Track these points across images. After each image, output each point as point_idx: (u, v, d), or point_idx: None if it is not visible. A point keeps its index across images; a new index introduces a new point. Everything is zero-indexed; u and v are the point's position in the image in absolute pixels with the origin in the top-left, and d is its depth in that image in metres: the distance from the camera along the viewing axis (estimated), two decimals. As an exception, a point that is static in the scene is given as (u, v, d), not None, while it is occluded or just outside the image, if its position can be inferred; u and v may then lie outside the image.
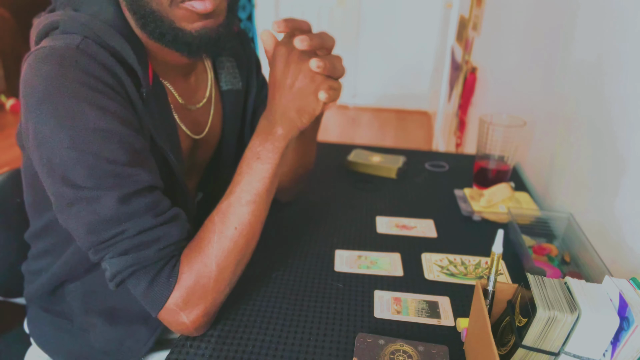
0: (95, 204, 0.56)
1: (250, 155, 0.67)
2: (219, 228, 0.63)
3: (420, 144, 3.67)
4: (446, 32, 3.28)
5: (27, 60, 0.59)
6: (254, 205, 0.65)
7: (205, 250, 0.62)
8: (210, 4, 0.61)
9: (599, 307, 0.48)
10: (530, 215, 0.91)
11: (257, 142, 0.67)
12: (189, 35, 0.63)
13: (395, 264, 0.80)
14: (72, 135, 0.55)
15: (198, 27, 0.63)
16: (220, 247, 0.62)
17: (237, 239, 0.64)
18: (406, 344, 0.60)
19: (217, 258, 0.62)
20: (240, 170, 0.67)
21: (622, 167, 0.74)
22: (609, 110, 0.81)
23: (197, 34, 0.63)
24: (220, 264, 0.62)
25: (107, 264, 0.59)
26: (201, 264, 0.61)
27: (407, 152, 1.24)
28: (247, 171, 0.66)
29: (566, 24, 1.06)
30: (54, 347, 0.80)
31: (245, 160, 0.67)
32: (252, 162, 0.66)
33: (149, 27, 0.63)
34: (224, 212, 0.64)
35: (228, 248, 0.63)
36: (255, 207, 0.65)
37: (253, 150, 0.67)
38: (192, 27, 0.62)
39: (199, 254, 0.62)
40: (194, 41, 0.63)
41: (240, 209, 0.65)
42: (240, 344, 0.63)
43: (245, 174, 0.66)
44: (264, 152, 0.67)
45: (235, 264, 0.64)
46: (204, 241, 0.63)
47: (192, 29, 0.63)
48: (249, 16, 2.91)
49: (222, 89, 0.84)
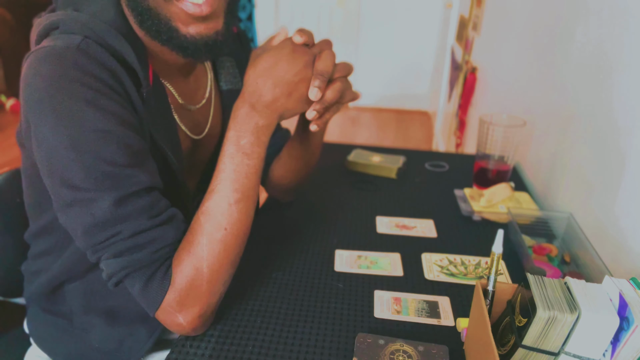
0: (92, 206, 0.56)
1: (233, 149, 0.64)
2: (207, 230, 0.61)
3: (420, 144, 3.67)
4: (446, 32, 3.28)
5: (27, 60, 0.59)
6: (242, 203, 0.63)
7: (196, 253, 0.60)
8: (206, 8, 0.60)
9: (599, 307, 0.48)
10: (530, 215, 0.91)
11: (239, 133, 0.64)
12: (184, 39, 0.62)
13: (395, 264, 0.80)
14: (71, 135, 0.55)
15: (193, 32, 0.62)
16: (211, 250, 0.61)
17: (228, 239, 0.62)
18: (406, 344, 0.60)
19: (208, 260, 0.60)
20: (222, 165, 0.64)
21: (622, 167, 0.74)
22: (609, 110, 0.81)
23: (192, 39, 0.62)
24: (212, 266, 0.61)
25: (103, 265, 0.59)
26: (192, 266, 0.60)
27: (407, 152, 1.24)
28: (232, 167, 0.63)
29: (566, 24, 1.06)
30: (54, 347, 0.80)
31: (227, 154, 0.64)
32: (237, 157, 0.63)
33: (145, 24, 0.62)
34: (211, 213, 0.62)
35: (219, 250, 0.61)
36: (243, 205, 0.63)
37: (236, 143, 0.64)
38: (187, 30, 0.62)
39: (189, 256, 0.60)
40: (189, 46, 0.63)
41: (229, 208, 0.62)
42: (240, 344, 0.63)
43: (230, 170, 0.63)
44: (249, 146, 0.64)
45: (227, 264, 0.63)
46: (193, 244, 0.61)
47: (186, 33, 0.62)
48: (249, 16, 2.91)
49: (222, 89, 0.84)
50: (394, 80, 4.41)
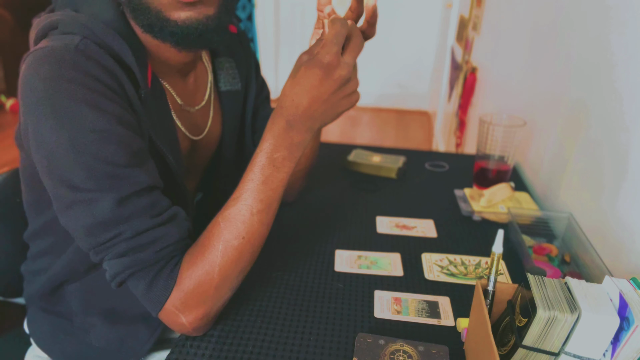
0: (93, 207, 0.56)
1: (265, 160, 0.63)
2: (225, 236, 0.61)
3: (420, 144, 3.67)
4: (446, 32, 3.29)
5: (25, 61, 0.59)
6: (264, 214, 0.62)
7: (209, 258, 0.60)
8: None
9: (599, 307, 0.48)
10: (530, 215, 0.91)
11: (272, 146, 0.63)
12: (174, 25, 0.61)
13: (395, 264, 0.80)
14: (70, 136, 0.55)
15: (183, 17, 0.61)
16: (225, 256, 0.60)
17: (244, 248, 0.61)
18: (406, 344, 0.60)
19: (220, 267, 0.60)
20: (252, 174, 0.63)
21: (622, 167, 0.74)
22: (609, 110, 0.81)
23: (182, 24, 0.61)
24: (224, 272, 0.61)
25: (106, 266, 0.59)
26: (203, 271, 0.60)
27: (407, 152, 1.24)
28: (261, 178, 0.62)
29: (566, 24, 1.06)
30: (54, 347, 0.80)
31: (258, 165, 0.63)
32: (267, 169, 0.62)
33: (139, 18, 0.62)
34: (232, 220, 0.61)
35: (233, 257, 0.61)
36: (264, 216, 0.63)
37: (269, 155, 0.63)
38: (177, 16, 0.61)
39: (202, 260, 0.60)
40: (179, 31, 0.62)
41: (251, 218, 0.61)
42: (240, 344, 0.63)
43: (259, 180, 0.62)
44: (281, 159, 0.63)
45: (239, 272, 0.62)
46: (209, 248, 0.60)
47: (177, 18, 0.61)
48: (249, 16, 2.91)
49: (221, 90, 0.84)
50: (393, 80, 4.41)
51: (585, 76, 0.92)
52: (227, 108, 0.84)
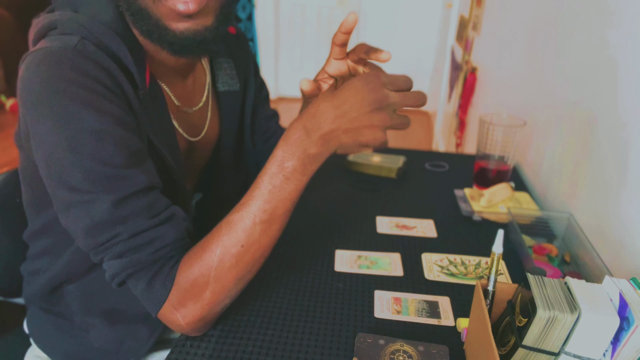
0: (90, 208, 0.56)
1: (275, 170, 0.59)
2: (224, 242, 0.59)
3: (420, 144, 3.67)
4: (446, 32, 3.29)
5: (24, 61, 0.59)
6: (268, 225, 0.59)
7: (206, 261, 0.59)
8: (193, 5, 0.60)
9: (599, 307, 0.48)
10: (530, 215, 0.91)
11: (286, 155, 0.59)
12: (173, 35, 0.62)
13: (395, 264, 0.80)
14: (68, 137, 0.55)
15: (182, 28, 0.62)
16: (221, 262, 0.59)
17: (242, 256, 0.59)
18: (406, 344, 0.60)
19: (215, 271, 0.59)
20: (261, 183, 0.59)
21: (622, 167, 0.74)
22: (609, 110, 0.81)
23: (180, 34, 0.62)
24: (219, 278, 0.59)
25: (106, 266, 0.59)
26: (199, 273, 0.59)
27: (407, 152, 1.24)
28: (269, 187, 0.59)
29: (566, 24, 1.06)
30: (53, 347, 0.80)
31: (268, 173, 0.59)
32: (276, 178, 0.59)
33: (138, 24, 0.63)
34: (233, 226, 0.59)
35: (230, 264, 0.59)
36: (269, 227, 0.59)
37: (280, 165, 0.59)
38: (176, 26, 0.62)
39: (199, 262, 0.59)
40: (177, 41, 0.62)
41: (253, 227, 0.59)
42: (240, 344, 0.63)
43: (266, 189, 0.59)
44: (291, 170, 0.58)
45: (236, 279, 0.60)
46: (207, 251, 0.59)
47: (176, 29, 0.62)
48: (249, 16, 2.91)
49: (219, 91, 0.84)
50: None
51: (586, 76, 0.92)
52: (225, 109, 0.84)
